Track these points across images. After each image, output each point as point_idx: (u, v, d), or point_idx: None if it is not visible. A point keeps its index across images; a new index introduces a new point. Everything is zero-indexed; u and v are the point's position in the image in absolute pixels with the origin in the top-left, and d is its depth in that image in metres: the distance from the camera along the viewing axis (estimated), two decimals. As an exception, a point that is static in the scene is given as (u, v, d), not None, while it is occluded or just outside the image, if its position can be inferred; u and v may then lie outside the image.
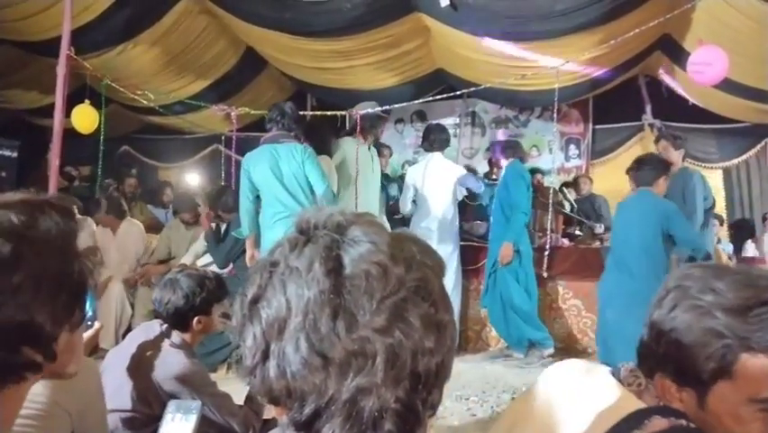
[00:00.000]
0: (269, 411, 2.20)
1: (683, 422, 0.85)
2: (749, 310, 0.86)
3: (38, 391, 1.28)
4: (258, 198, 4.02)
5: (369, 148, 4.90)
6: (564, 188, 6.63)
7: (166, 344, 2.15)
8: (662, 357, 0.92)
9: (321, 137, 4.70)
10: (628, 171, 4.19)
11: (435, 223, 5.02)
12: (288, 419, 0.60)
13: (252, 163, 3.94)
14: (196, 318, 2.18)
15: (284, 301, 0.59)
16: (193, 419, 1.68)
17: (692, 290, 0.91)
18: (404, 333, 0.58)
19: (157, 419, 1.82)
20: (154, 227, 6.22)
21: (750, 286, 0.88)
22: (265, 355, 0.60)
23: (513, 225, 4.77)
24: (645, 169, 3.98)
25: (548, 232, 5.15)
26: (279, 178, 3.86)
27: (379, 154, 5.73)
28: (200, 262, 4.94)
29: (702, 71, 3.93)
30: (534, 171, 6.79)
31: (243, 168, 4.01)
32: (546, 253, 4.86)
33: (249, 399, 2.28)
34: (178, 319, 2.17)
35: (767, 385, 0.85)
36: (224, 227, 4.96)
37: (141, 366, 2.09)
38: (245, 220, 4.07)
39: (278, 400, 0.60)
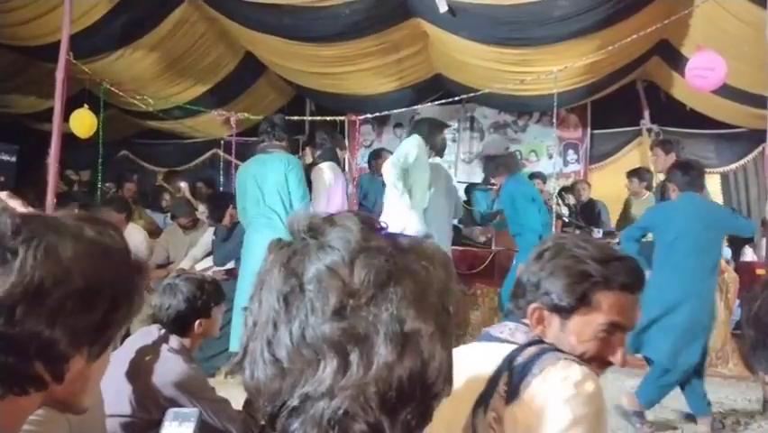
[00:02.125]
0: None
1: (546, 345, 1.19)
2: (609, 261, 1.22)
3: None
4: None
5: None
6: (562, 193, 6.64)
7: (164, 349, 2.15)
8: (542, 293, 1.23)
9: (330, 144, 4.75)
10: (668, 175, 4.07)
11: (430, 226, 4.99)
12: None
13: (242, 173, 4.25)
14: (197, 322, 2.18)
15: (257, 305, 0.61)
16: (191, 427, 1.68)
17: (568, 246, 1.25)
18: (357, 343, 0.57)
19: (156, 424, 1.82)
20: (153, 232, 6.20)
21: (606, 248, 1.28)
22: (244, 354, 0.62)
23: (524, 245, 4.71)
24: (693, 173, 3.87)
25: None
26: (261, 185, 4.07)
27: (378, 157, 5.74)
28: (199, 267, 4.94)
29: (705, 76, 3.94)
30: (533, 176, 6.80)
31: (237, 176, 4.33)
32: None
33: (247, 404, 2.28)
34: (179, 324, 2.17)
35: (611, 314, 1.20)
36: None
37: (139, 371, 2.09)
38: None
39: (256, 398, 0.62)
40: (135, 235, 5.36)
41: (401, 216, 4.22)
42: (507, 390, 1.12)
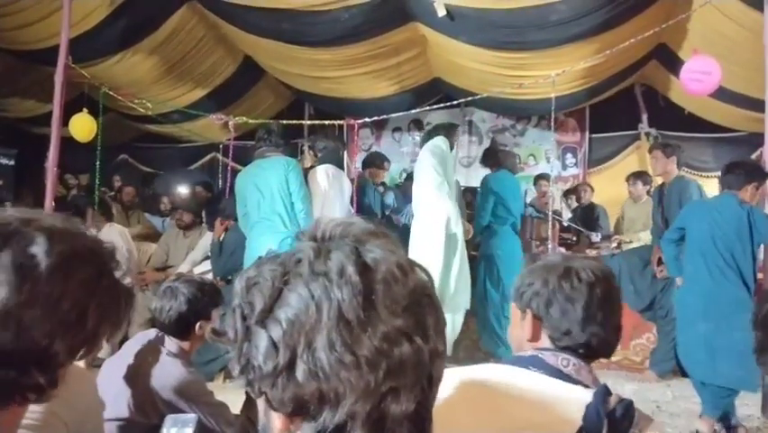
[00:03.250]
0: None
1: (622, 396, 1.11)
2: None
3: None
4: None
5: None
6: (563, 197, 6.65)
7: (163, 353, 2.15)
8: None
9: (331, 148, 4.75)
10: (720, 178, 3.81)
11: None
12: (311, 429, 0.60)
13: (241, 179, 4.26)
14: (198, 324, 2.18)
15: (312, 304, 0.60)
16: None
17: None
18: (423, 336, 0.62)
19: (154, 428, 1.81)
20: (152, 236, 6.21)
21: None
22: (292, 361, 0.60)
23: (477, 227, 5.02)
24: (735, 172, 3.59)
25: (548, 241, 5.16)
26: (261, 189, 4.07)
27: (380, 167, 5.73)
28: (197, 270, 4.93)
29: (701, 80, 3.94)
30: (539, 177, 6.81)
31: (236, 185, 4.32)
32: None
33: (246, 408, 2.27)
34: (180, 326, 2.16)
35: None
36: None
37: (138, 376, 2.08)
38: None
39: (305, 407, 0.60)
40: (111, 234, 5.31)
41: (442, 204, 4.36)
42: None
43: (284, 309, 0.61)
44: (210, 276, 4.74)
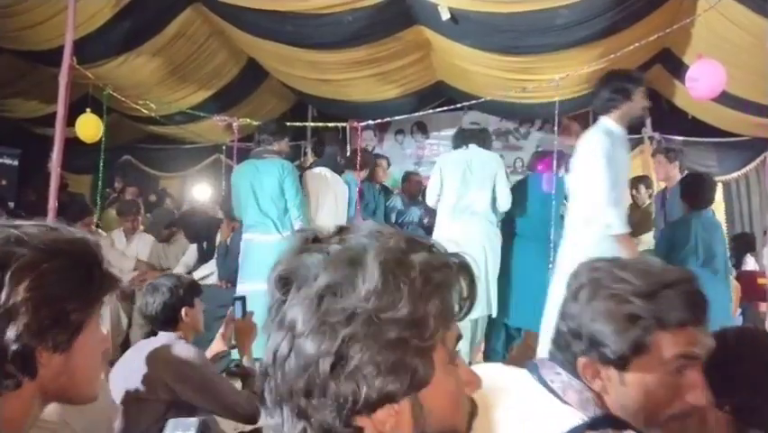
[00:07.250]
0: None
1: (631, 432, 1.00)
2: (658, 293, 1.01)
3: (50, 411, 1.29)
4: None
5: None
6: (565, 201, 6.62)
7: (167, 340, 2.30)
8: (588, 345, 1.04)
9: (329, 152, 4.74)
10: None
11: None
12: None
13: (238, 176, 4.27)
14: (183, 311, 2.33)
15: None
16: (191, 437, 1.69)
17: (604, 282, 1.05)
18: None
19: (163, 404, 2.07)
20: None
21: (650, 273, 1.04)
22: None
23: None
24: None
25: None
26: (255, 191, 4.09)
27: (378, 165, 5.71)
28: (200, 273, 4.91)
29: (695, 86, 3.95)
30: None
31: (231, 180, 4.37)
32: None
33: (245, 383, 2.38)
34: (167, 315, 2.32)
35: (675, 351, 1.01)
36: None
37: (147, 360, 2.20)
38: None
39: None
40: (146, 239, 5.39)
41: None
42: None
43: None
44: (213, 278, 4.75)
